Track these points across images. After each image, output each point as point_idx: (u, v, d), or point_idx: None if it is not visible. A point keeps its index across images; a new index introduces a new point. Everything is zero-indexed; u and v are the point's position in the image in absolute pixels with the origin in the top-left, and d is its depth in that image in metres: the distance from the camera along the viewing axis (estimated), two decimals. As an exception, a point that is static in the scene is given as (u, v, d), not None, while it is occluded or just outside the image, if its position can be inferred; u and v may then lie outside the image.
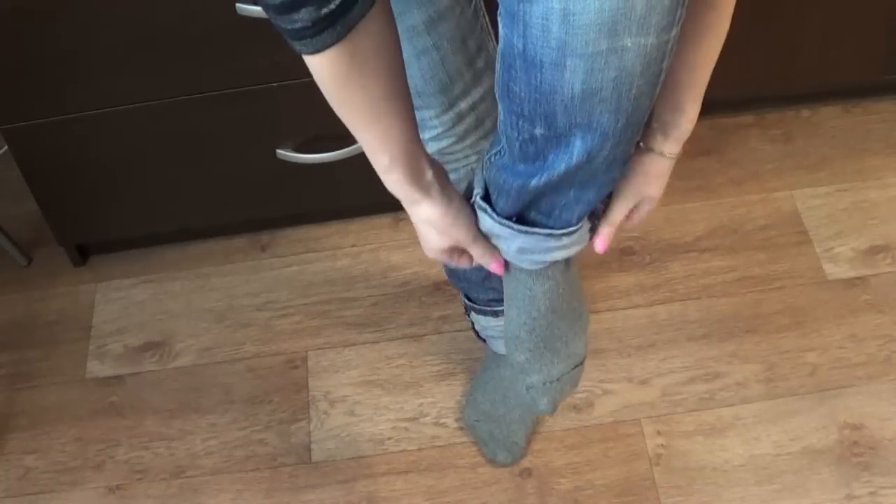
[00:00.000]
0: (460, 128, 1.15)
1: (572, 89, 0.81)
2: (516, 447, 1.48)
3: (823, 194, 1.77)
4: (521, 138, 0.89)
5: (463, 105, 1.13)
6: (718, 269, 1.69)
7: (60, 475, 1.53)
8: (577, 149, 0.86)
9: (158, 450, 1.55)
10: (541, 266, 1.08)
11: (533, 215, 0.99)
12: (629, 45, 0.79)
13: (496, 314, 1.42)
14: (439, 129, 1.14)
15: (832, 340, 1.59)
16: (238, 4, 1.37)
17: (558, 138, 0.86)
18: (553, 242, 1.02)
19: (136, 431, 1.57)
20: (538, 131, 0.86)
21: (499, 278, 1.34)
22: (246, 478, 1.51)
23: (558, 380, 1.25)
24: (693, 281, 1.67)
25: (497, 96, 0.89)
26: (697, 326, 1.62)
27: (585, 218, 1.03)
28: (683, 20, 0.80)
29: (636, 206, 1.06)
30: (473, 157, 1.19)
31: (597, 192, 0.95)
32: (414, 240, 1.76)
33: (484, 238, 1.04)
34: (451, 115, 1.13)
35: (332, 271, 1.74)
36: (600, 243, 1.06)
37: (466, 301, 1.45)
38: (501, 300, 1.40)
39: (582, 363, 1.27)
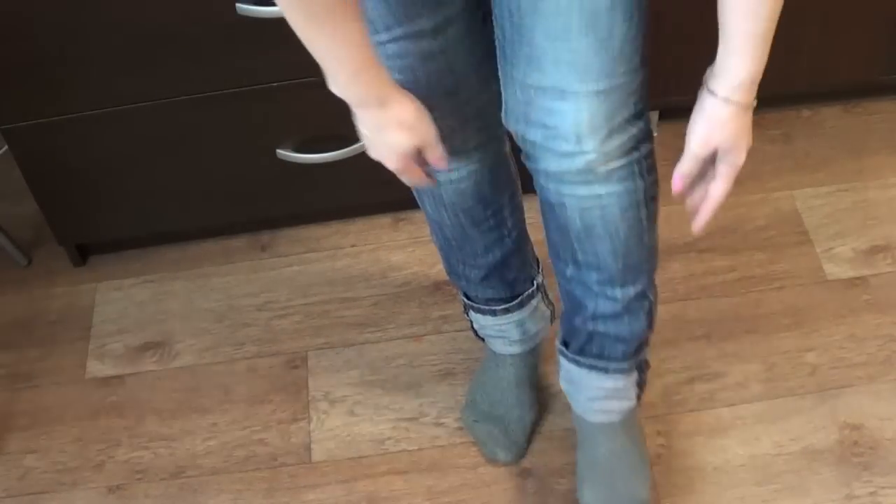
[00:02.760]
0: (467, 128, 1.16)
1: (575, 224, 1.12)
2: (516, 446, 1.48)
3: (823, 194, 1.77)
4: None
5: (468, 110, 1.14)
6: (718, 269, 1.69)
7: (60, 475, 1.53)
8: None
9: (158, 450, 1.55)
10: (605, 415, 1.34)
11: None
12: (602, 192, 1.09)
13: (494, 313, 1.42)
14: (445, 132, 1.11)
15: (832, 340, 1.59)
16: (238, 4, 1.37)
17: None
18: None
19: (136, 431, 1.57)
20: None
21: (499, 276, 1.35)
22: (246, 478, 1.51)
23: None
24: (693, 281, 1.67)
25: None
26: (697, 326, 1.62)
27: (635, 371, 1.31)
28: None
29: (720, 168, 1.04)
30: (477, 156, 1.20)
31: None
32: (414, 240, 1.76)
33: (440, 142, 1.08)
34: (455, 119, 1.14)
35: (332, 271, 1.74)
36: (675, 184, 1.06)
37: (465, 300, 1.45)
38: (500, 299, 1.40)
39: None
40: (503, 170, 1.27)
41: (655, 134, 1.89)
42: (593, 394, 1.33)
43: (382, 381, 1.59)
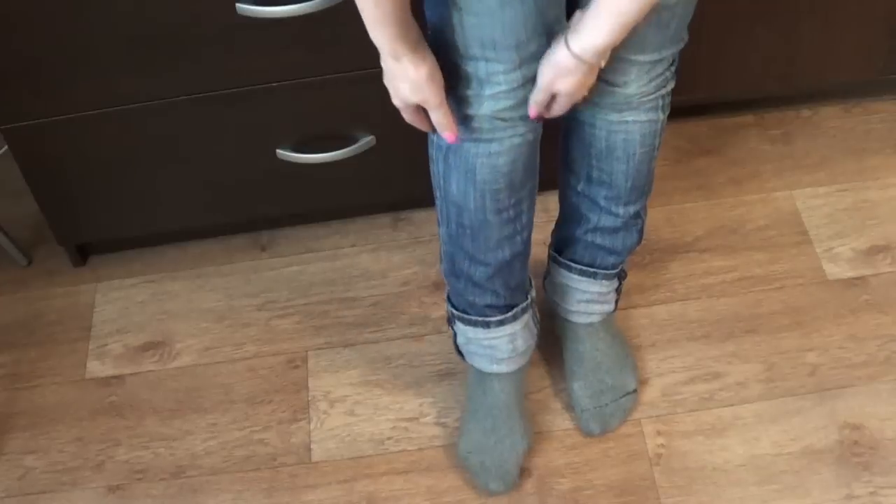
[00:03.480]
0: (521, 92, 1.17)
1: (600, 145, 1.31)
2: (508, 476, 1.45)
3: (823, 194, 1.77)
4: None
5: (530, 70, 1.15)
6: (718, 269, 1.69)
7: (60, 475, 1.53)
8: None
9: (158, 450, 1.55)
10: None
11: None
12: (630, 119, 1.28)
13: (487, 325, 1.40)
14: (503, 87, 1.15)
15: (832, 340, 1.59)
16: (238, 4, 1.37)
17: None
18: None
19: (136, 431, 1.57)
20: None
21: (503, 279, 1.34)
22: (246, 478, 1.51)
23: (607, 405, 1.49)
24: (693, 281, 1.67)
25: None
26: (697, 326, 1.62)
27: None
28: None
29: (554, 98, 1.16)
30: (521, 129, 1.21)
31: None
32: (414, 240, 1.77)
33: (447, 108, 1.15)
34: (517, 74, 1.15)
35: (332, 271, 1.74)
36: (531, 111, 1.18)
37: (454, 310, 1.43)
38: (500, 307, 1.39)
39: (631, 393, 1.49)
40: (535, 154, 1.28)
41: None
42: (580, 297, 1.49)
43: (382, 381, 1.59)
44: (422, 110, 1.17)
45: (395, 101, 1.17)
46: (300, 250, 1.78)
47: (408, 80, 1.12)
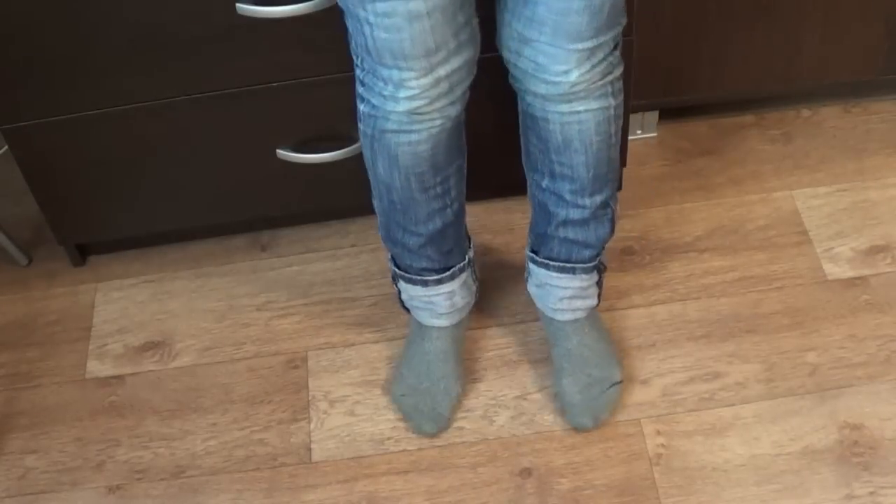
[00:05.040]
0: (434, 91, 1.23)
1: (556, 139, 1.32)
2: (441, 417, 1.51)
3: (823, 194, 1.77)
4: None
5: (441, 72, 1.21)
6: (718, 269, 1.69)
7: (60, 475, 1.53)
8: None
9: (158, 450, 1.55)
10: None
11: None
12: (581, 109, 1.29)
13: (426, 284, 1.47)
14: (415, 91, 1.22)
15: (832, 340, 1.59)
16: (238, 4, 1.37)
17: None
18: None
19: (136, 431, 1.57)
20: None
21: (436, 246, 1.42)
22: (246, 478, 1.51)
23: (596, 398, 1.51)
24: (693, 281, 1.67)
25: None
26: (697, 326, 1.62)
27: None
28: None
29: None
30: (439, 121, 1.27)
31: None
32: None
33: None
34: (429, 79, 1.21)
35: (332, 271, 1.74)
36: None
37: (395, 269, 1.50)
38: (434, 269, 1.47)
39: (617, 384, 1.51)
40: (458, 137, 1.35)
41: (655, 134, 1.90)
42: (561, 294, 1.51)
43: (382, 381, 1.59)
44: None
45: None
46: (300, 250, 1.78)
47: None
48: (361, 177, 1.66)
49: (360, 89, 1.29)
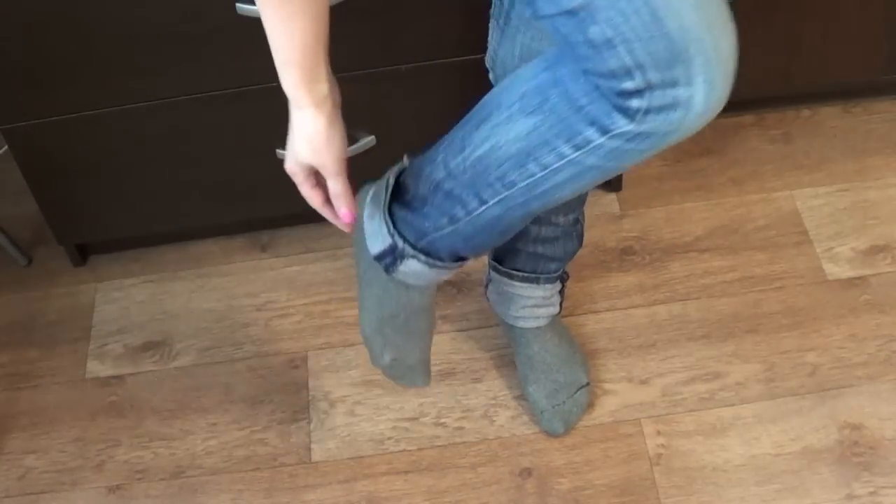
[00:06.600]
0: None
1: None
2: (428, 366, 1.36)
3: (823, 194, 1.77)
4: None
5: None
6: (718, 269, 1.69)
7: (60, 475, 1.53)
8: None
9: (158, 450, 1.55)
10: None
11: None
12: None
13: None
14: None
15: (832, 340, 1.59)
16: (238, 4, 1.37)
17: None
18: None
19: (136, 431, 1.57)
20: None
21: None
22: (246, 478, 1.51)
23: (564, 402, 1.50)
24: (693, 281, 1.67)
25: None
26: (697, 326, 1.62)
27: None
28: None
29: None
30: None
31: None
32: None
33: (346, 180, 1.08)
34: None
35: (332, 271, 1.74)
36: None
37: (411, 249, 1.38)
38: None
39: (584, 387, 1.51)
40: None
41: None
42: (524, 302, 1.50)
43: (382, 381, 1.59)
44: (317, 181, 1.11)
45: (289, 166, 1.10)
46: (300, 250, 1.78)
47: (304, 136, 1.04)
48: (361, 177, 1.66)
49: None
